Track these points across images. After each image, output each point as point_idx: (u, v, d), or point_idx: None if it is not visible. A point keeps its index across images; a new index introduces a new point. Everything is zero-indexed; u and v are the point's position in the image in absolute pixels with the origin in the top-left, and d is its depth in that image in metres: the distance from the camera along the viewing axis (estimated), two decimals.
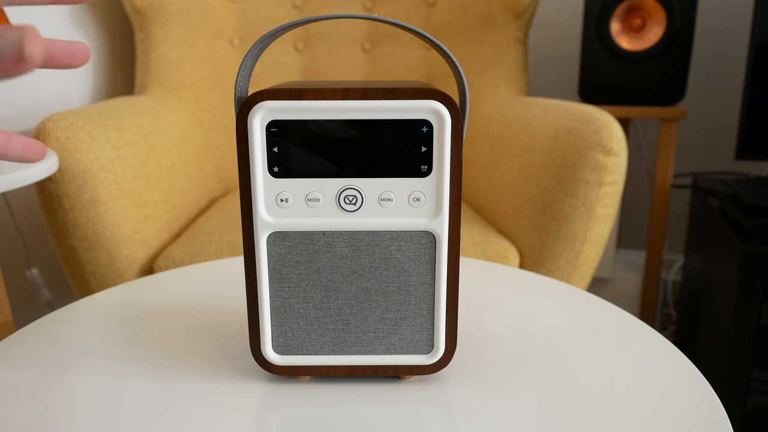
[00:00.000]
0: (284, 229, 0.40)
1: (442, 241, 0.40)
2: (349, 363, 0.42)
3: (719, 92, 1.59)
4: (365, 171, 0.39)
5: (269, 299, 0.41)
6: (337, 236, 0.40)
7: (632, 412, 0.40)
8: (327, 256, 0.41)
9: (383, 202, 0.39)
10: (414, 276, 0.41)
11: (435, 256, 0.41)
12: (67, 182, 0.90)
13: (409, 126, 0.38)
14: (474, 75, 1.34)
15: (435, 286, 0.41)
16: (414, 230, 0.40)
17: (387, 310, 0.42)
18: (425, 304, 0.42)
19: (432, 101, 0.37)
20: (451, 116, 0.38)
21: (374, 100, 0.37)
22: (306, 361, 0.42)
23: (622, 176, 0.93)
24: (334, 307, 0.41)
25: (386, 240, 0.40)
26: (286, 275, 0.41)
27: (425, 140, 0.38)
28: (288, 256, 0.41)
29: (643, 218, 1.73)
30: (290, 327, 0.42)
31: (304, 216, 0.40)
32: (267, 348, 0.42)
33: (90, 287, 0.99)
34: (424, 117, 0.38)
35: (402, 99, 0.37)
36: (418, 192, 0.39)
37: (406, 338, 0.42)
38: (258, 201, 0.39)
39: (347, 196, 0.39)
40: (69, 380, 0.44)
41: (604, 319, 0.54)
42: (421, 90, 0.37)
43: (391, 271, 0.41)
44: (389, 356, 0.42)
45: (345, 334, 0.42)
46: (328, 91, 0.37)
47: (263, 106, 0.37)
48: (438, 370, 0.43)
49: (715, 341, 1.11)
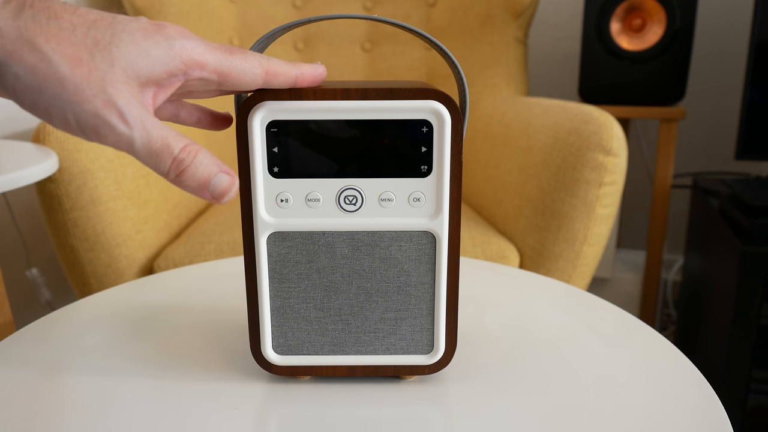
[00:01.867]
0: (284, 229, 0.40)
1: (442, 241, 0.40)
2: (349, 363, 0.42)
3: (719, 92, 1.59)
4: (365, 171, 0.39)
5: (269, 299, 0.41)
6: (337, 236, 0.40)
7: (632, 412, 0.40)
8: (327, 257, 0.41)
9: (383, 202, 0.39)
10: (414, 276, 0.41)
11: (435, 257, 0.40)
12: (67, 182, 0.90)
13: (409, 126, 0.38)
14: (474, 75, 1.34)
15: (435, 286, 0.41)
16: (414, 230, 0.40)
17: (387, 311, 0.42)
18: (425, 305, 0.42)
19: (432, 101, 0.37)
20: (451, 116, 0.38)
21: (374, 101, 0.37)
22: (306, 361, 0.42)
23: (622, 176, 0.93)
24: (334, 307, 0.41)
25: (386, 240, 0.40)
26: (286, 275, 0.41)
27: (425, 140, 0.38)
28: (288, 257, 0.41)
29: (643, 218, 1.73)
30: (290, 327, 0.42)
31: (304, 216, 0.40)
32: (267, 348, 0.42)
33: (90, 287, 0.99)
34: (424, 117, 0.38)
35: (402, 99, 0.37)
36: (418, 192, 0.39)
37: (406, 338, 0.42)
38: (258, 201, 0.39)
39: (347, 197, 0.39)
40: (69, 380, 0.44)
41: (604, 319, 0.54)
42: (421, 90, 0.37)
43: (391, 271, 0.41)
44: (389, 356, 0.42)
45: (345, 335, 0.42)
46: (328, 91, 0.37)
47: (263, 106, 0.37)
48: (438, 370, 0.43)
49: (715, 341, 1.11)
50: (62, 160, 0.89)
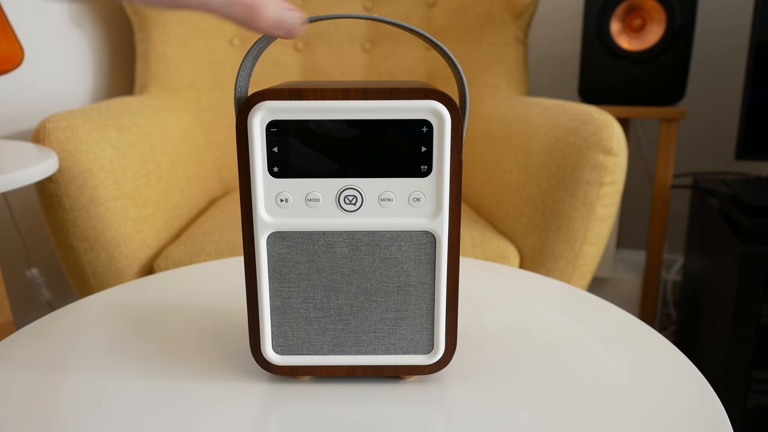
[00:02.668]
0: (284, 229, 0.40)
1: (442, 241, 0.40)
2: (349, 363, 0.42)
3: (719, 92, 1.59)
4: (365, 171, 0.39)
5: (269, 299, 0.41)
6: (337, 236, 0.40)
7: (632, 412, 0.40)
8: (327, 256, 0.40)
9: (383, 202, 0.39)
10: (414, 276, 0.41)
11: (435, 256, 0.40)
12: (67, 182, 0.90)
13: (409, 126, 0.38)
14: (474, 75, 1.34)
15: (435, 286, 0.41)
16: (414, 230, 0.40)
17: (387, 310, 0.41)
18: (425, 304, 0.41)
19: (432, 101, 0.37)
20: (451, 116, 0.38)
21: (374, 100, 0.37)
22: (306, 361, 0.42)
23: (622, 176, 0.93)
24: (334, 307, 0.41)
25: (386, 240, 0.40)
26: (286, 275, 0.41)
27: (425, 140, 0.38)
28: (288, 256, 0.41)
29: (643, 218, 1.73)
30: (290, 327, 0.42)
31: (304, 216, 0.40)
32: (267, 348, 0.42)
33: (90, 287, 0.99)
34: (424, 117, 0.38)
35: (402, 99, 0.37)
36: (418, 192, 0.39)
37: (406, 338, 0.42)
38: (258, 201, 0.39)
39: (347, 196, 0.39)
40: (69, 380, 0.44)
41: (604, 319, 0.54)
42: (421, 90, 0.37)
43: (391, 271, 0.41)
44: (389, 356, 0.42)
45: (345, 334, 0.42)
46: (328, 91, 0.37)
47: (263, 106, 0.37)
48: (438, 370, 0.43)
49: (715, 341, 1.11)
50: (62, 160, 0.89)
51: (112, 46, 1.46)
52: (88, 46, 1.38)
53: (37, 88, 1.25)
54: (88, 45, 1.38)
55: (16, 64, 0.94)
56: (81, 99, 1.37)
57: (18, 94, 1.21)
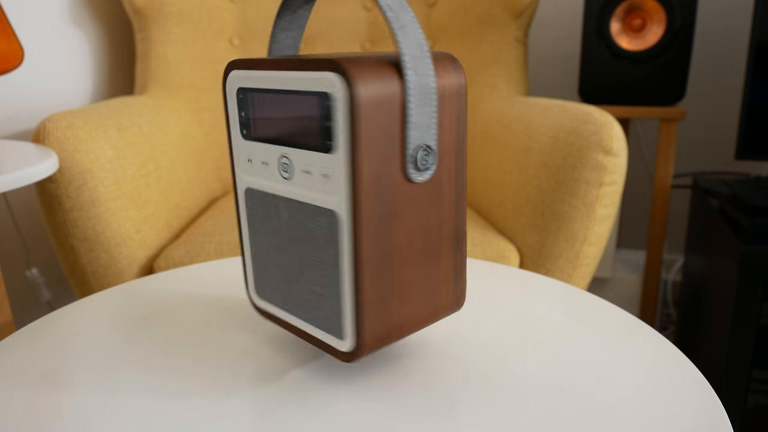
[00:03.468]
0: (252, 186, 0.43)
1: (344, 222, 0.37)
2: (293, 323, 0.43)
3: (719, 92, 1.59)
4: (292, 141, 0.39)
5: (249, 246, 0.45)
6: (280, 201, 0.41)
7: (632, 412, 0.40)
8: (276, 219, 0.42)
9: (305, 174, 0.38)
10: (327, 254, 0.38)
11: (338, 237, 0.37)
12: (67, 182, 0.90)
13: (314, 99, 0.36)
14: (474, 75, 1.34)
15: (340, 269, 0.38)
16: (324, 207, 0.38)
17: (313, 284, 0.40)
18: (336, 287, 0.39)
19: (329, 73, 0.35)
20: (351, 90, 0.34)
21: (291, 71, 0.37)
22: (272, 310, 0.45)
23: (622, 176, 0.93)
24: (283, 266, 0.43)
25: (309, 213, 0.39)
26: (255, 228, 0.44)
27: (329, 114, 0.36)
28: (255, 211, 0.44)
29: (643, 218, 1.73)
30: (262, 273, 0.45)
31: (262, 178, 0.42)
32: (252, 291, 0.46)
33: (90, 287, 0.99)
34: (325, 89, 0.35)
35: (309, 70, 0.36)
36: (325, 168, 0.37)
37: (327, 317, 0.40)
38: (236, 159, 0.43)
39: (283, 164, 0.40)
40: (69, 380, 0.44)
41: (604, 319, 0.54)
42: (326, 61, 0.35)
43: (314, 245, 0.39)
44: (318, 330, 0.41)
45: (292, 295, 0.43)
46: (273, 61, 0.38)
47: (233, 73, 0.41)
48: (352, 359, 0.39)
49: (715, 341, 1.11)
50: (62, 160, 0.89)
51: (112, 46, 1.46)
52: (88, 45, 1.38)
53: (37, 88, 1.25)
54: (88, 45, 1.38)
55: (16, 64, 0.94)
56: (81, 99, 1.37)
57: (18, 94, 1.21)
